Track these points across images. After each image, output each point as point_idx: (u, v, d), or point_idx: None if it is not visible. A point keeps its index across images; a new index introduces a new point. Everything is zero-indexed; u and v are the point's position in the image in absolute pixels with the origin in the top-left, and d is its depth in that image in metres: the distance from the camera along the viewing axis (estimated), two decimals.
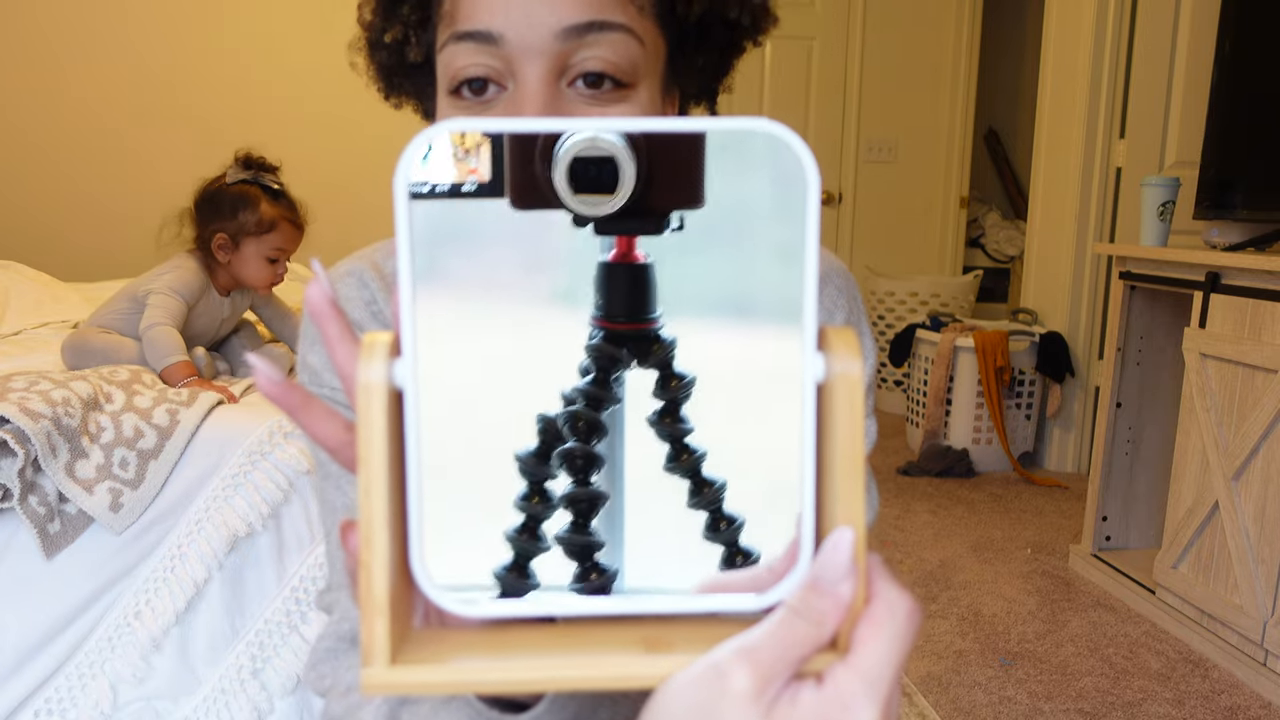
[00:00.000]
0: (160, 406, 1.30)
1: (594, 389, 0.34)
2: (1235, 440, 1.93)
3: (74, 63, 3.25)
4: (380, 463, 0.32)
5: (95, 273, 2.57)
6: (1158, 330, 2.38)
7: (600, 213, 0.32)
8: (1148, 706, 1.78)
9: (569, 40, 0.54)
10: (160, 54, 3.28)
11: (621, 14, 0.55)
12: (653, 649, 0.32)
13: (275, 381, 0.34)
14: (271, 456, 1.29)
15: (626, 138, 0.32)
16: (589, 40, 0.54)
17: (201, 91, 3.28)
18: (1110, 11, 3.08)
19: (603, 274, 0.33)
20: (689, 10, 0.60)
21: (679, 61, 0.63)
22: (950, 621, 2.12)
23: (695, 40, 0.63)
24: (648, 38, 0.57)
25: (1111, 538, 2.47)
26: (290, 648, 1.25)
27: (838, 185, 4.54)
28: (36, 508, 1.20)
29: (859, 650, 0.32)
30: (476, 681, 0.32)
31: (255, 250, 1.55)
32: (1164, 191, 2.28)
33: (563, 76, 0.55)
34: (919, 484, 3.20)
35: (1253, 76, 2.15)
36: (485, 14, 0.54)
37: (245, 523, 1.25)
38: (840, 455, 0.32)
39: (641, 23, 0.56)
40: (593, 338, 0.34)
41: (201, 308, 1.57)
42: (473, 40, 0.54)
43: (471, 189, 0.32)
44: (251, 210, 1.53)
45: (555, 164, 0.32)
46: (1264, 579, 1.86)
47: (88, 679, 1.24)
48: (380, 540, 0.32)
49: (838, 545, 0.32)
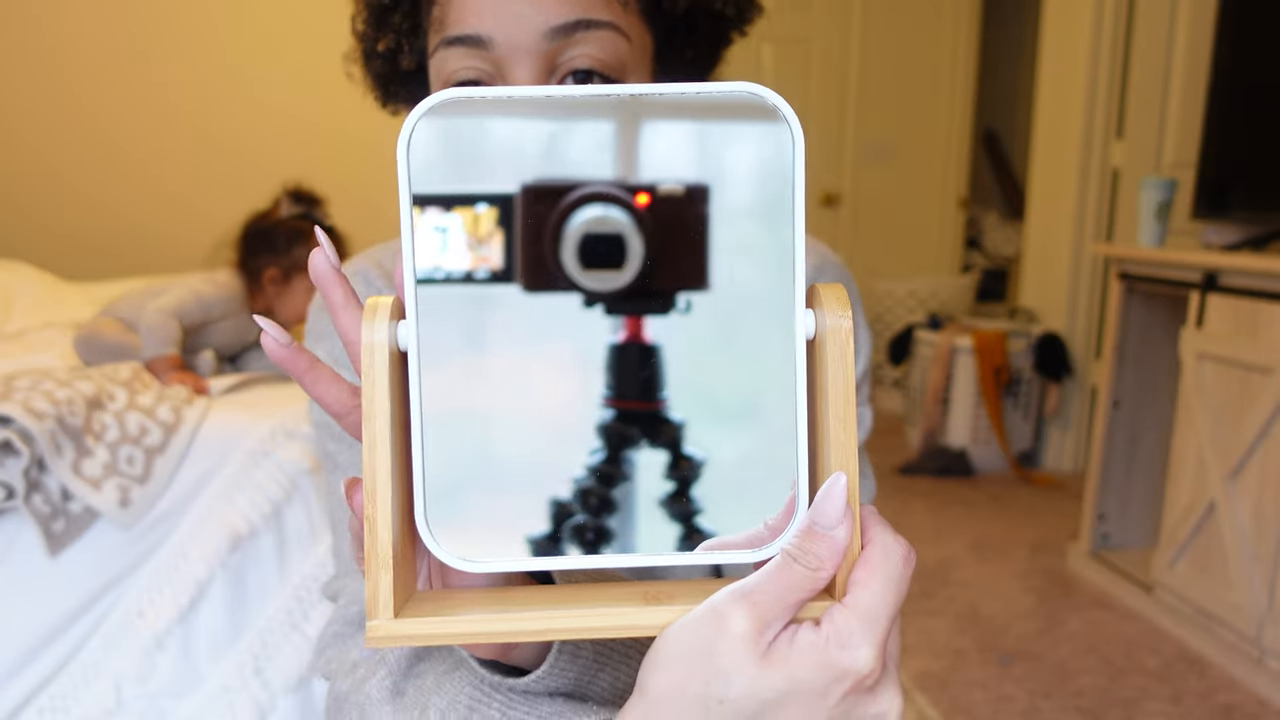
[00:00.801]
0: (164, 404, 1.31)
1: (605, 467, 0.35)
2: (1232, 439, 1.94)
3: (77, 63, 3.25)
4: (384, 420, 0.33)
5: (98, 272, 2.58)
6: (1155, 330, 2.39)
7: (610, 288, 0.34)
8: (1145, 704, 1.79)
9: (556, 40, 0.55)
10: (162, 54, 3.29)
11: (607, 12, 0.56)
12: (653, 602, 0.34)
13: (283, 344, 0.36)
14: (274, 456, 1.29)
15: (633, 216, 0.33)
16: (576, 39, 0.55)
17: (203, 91, 3.28)
18: (1108, 12, 3.09)
19: (613, 355, 0.34)
20: (675, 5, 0.60)
21: (667, 55, 0.64)
22: (948, 620, 2.13)
23: (683, 34, 0.63)
24: (634, 33, 0.58)
25: (1109, 537, 2.48)
26: (292, 646, 1.25)
27: (837, 186, 4.55)
28: (41, 506, 1.21)
29: (856, 591, 0.33)
30: (480, 632, 0.33)
31: (305, 286, 1.55)
32: (1161, 192, 2.29)
33: (552, 75, 0.56)
34: (917, 483, 3.21)
35: (1250, 77, 2.16)
36: (474, 18, 0.55)
37: (247, 522, 1.26)
38: (833, 405, 0.33)
39: (627, 19, 0.57)
40: (604, 418, 0.35)
41: (231, 326, 1.57)
42: (463, 44, 0.55)
43: (484, 276, 0.34)
44: (306, 248, 1.53)
45: (564, 241, 0.33)
46: (1260, 577, 1.87)
47: (91, 677, 1.25)
48: (384, 494, 0.33)
49: (831, 491, 0.33)
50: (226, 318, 1.55)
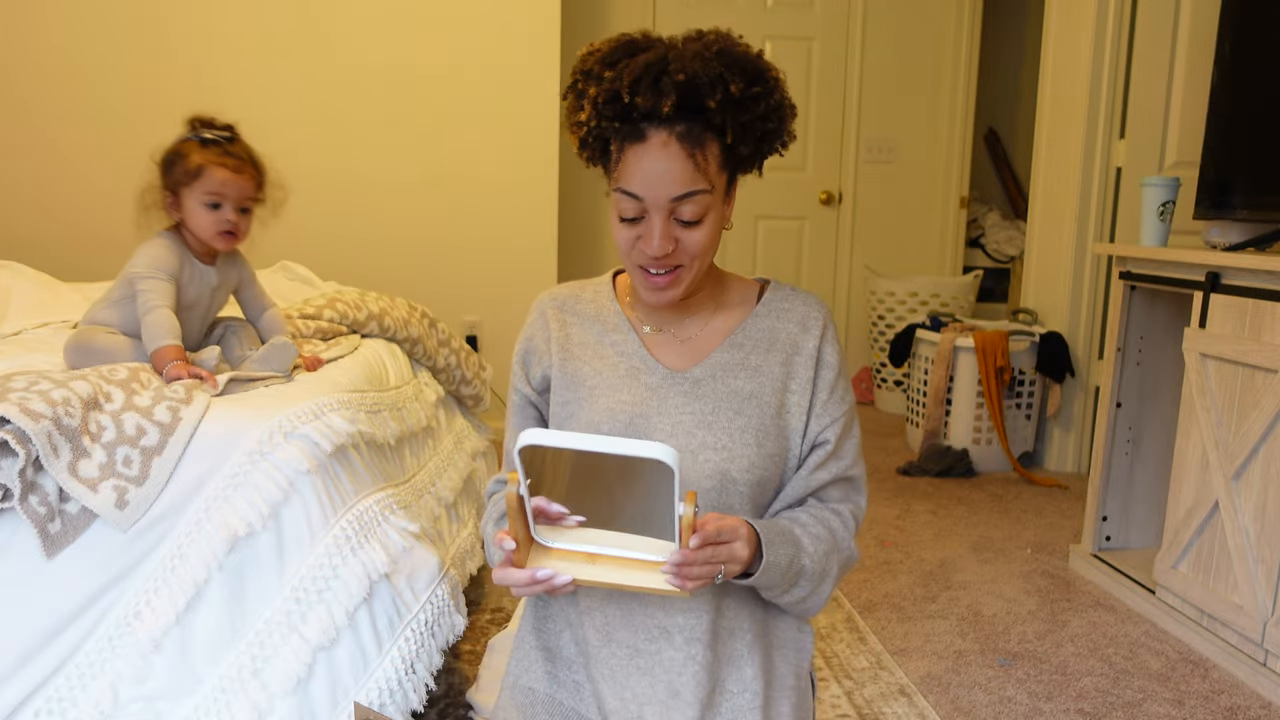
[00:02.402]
0: (161, 404, 1.30)
1: None
2: (1235, 440, 1.93)
3: (76, 62, 3.25)
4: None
5: (96, 273, 2.57)
6: (1158, 330, 2.38)
7: None
8: (1148, 706, 1.78)
9: (675, 201, 0.98)
10: (162, 53, 3.29)
11: (703, 183, 0.98)
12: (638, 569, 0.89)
13: None
14: (271, 456, 1.29)
15: None
16: (685, 200, 0.98)
17: (203, 91, 3.27)
18: (1110, 11, 3.08)
19: None
20: (741, 152, 1.02)
21: (739, 169, 1.06)
22: (950, 621, 2.13)
23: (749, 160, 1.05)
24: (716, 181, 1.00)
25: (1111, 538, 2.47)
26: (291, 648, 1.25)
27: (838, 185, 4.54)
28: (37, 507, 1.20)
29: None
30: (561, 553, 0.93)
31: (193, 201, 1.54)
32: (1164, 191, 2.28)
33: (671, 216, 0.98)
34: (919, 484, 3.21)
35: (1253, 76, 2.15)
36: (635, 182, 0.98)
37: (245, 522, 1.25)
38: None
39: (711, 177, 0.99)
40: None
41: (186, 277, 1.57)
42: (628, 195, 0.99)
43: None
44: (182, 161, 1.54)
45: None
46: (1264, 579, 1.86)
47: (88, 679, 1.24)
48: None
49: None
50: (180, 273, 1.55)
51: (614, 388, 1.07)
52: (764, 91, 0.99)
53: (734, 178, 1.05)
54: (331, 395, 1.45)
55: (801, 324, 1.10)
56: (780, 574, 0.98)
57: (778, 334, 1.09)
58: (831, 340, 1.11)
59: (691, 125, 0.96)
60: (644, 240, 0.99)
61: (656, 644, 1.01)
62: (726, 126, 0.97)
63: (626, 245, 1.01)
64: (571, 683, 1.08)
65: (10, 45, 3.21)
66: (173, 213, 1.57)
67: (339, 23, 3.35)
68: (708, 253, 1.03)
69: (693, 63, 0.95)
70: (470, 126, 3.49)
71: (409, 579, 1.36)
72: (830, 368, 1.09)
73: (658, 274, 1.01)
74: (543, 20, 3.47)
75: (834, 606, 2.17)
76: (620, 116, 0.97)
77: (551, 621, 1.11)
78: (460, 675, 1.76)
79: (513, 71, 3.48)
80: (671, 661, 1.00)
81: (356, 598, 1.27)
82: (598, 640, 1.04)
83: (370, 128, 3.40)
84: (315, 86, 3.37)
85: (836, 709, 1.72)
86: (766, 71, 1.00)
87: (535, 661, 1.10)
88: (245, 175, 1.56)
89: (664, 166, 0.96)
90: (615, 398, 1.06)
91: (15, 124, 3.24)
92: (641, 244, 0.99)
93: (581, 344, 1.11)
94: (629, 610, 1.03)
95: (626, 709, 1.01)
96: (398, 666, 1.30)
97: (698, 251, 1.00)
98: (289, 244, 2.85)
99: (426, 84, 3.43)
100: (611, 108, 0.96)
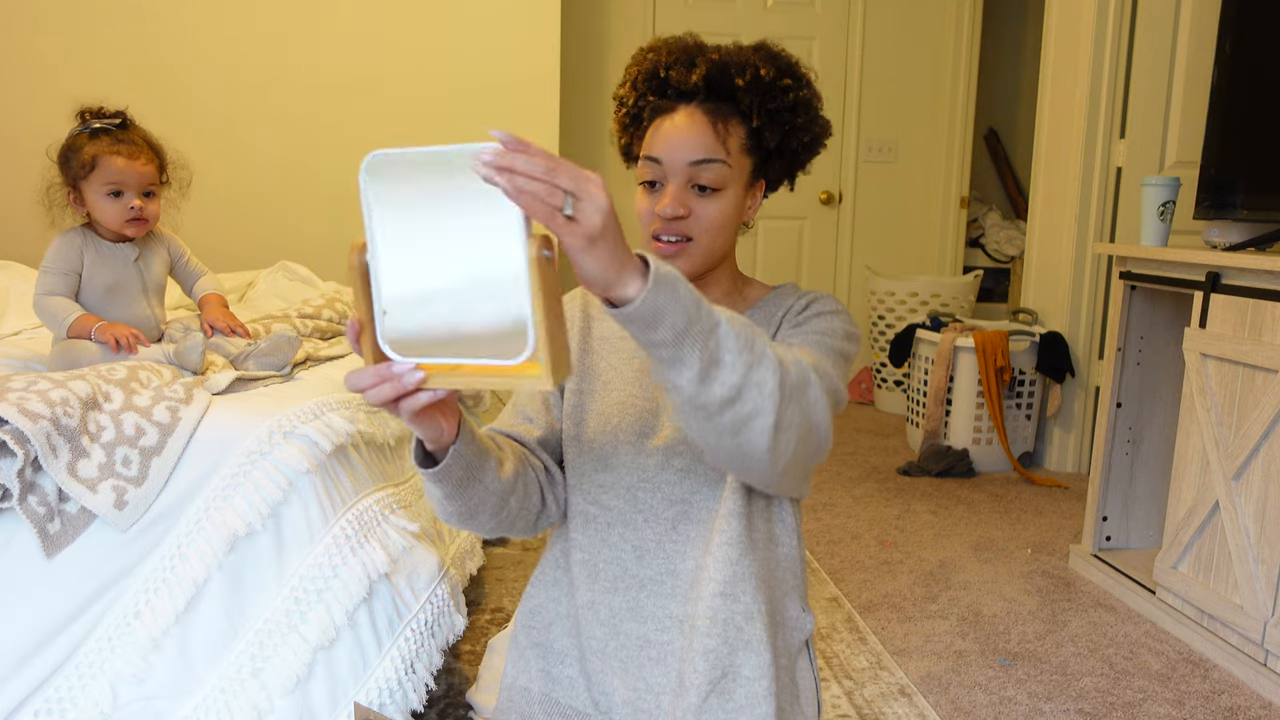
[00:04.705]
0: (160, 404, 1.30)
1: None
2: (1235, 440, 1.93)
3: (72, 62, 3.25)
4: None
5: None
6: (1158, 330, 2.38)
7: None
8: (1148, 707, 1.78)
9: (692, 167, 1.02)
10: (161, 52, 3.28)
11: (721, 152, 1.03)
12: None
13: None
14: (271, 456, 1.29)
15: None
16: (702, 167, 1.02)
17: (202, 91, 3.27)
18: (1110, 11, 3.08)
19: None
20: (768, 142, 1.06)
21: (766, 168, 1.09)
22: (950, 622, 2.12)
23: (776, 158, 1.09)
24: (736, 163, 1.04)
25: (1112, 538, 2.47)
26: (290, 647, 1.25)
27: (837, 185, 4.54)
28: (36, 507, 1.20)
29: None
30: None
31: (93, 193, 1.55)
32: (1164, 191, 2.28)
33: (689, 183, 1.03)
34: (919, 484, 3.20)
35: (1254, 75, 2.15)
36: (657, 148, 1.04)
37: (245, 522, 1.25)
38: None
39: (732, 155, 1.03)
40: None
41: (95, 260, 1.57)
42: (650, 160, 1.05)
43: None
44: (75, 155, 1.54)
45: None
46: (1264, 579, 1.86)
47: (87, 679, 1.24)
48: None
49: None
50: (82, 262, 1.55)
51: (627, 382, 1.09)
52: (794, 84, 1.05)
53: (759, 172, 1.08)
54: (331, 395, 1.45)
55: (796, 300, 1.11)
56: (682, 310, 0.74)
57: (774, 316, 1.10)
58: (820, 299, 1.08)
59: (720, 105, 1.03)
60: (658, 204, 1.03)
61: (668, 634, 1.02)
62: (753, 111, 1.03)
63: (645, 217, 1.05)
64: (566, 678, 1.08)
65: (10, 45, 3.21)
66: (78, 208, 1.56)
67: (339, 23, 3.35)
68: (718, 230, 1.04)
69: (729, 52, 1.05)
70: (471, 127, 3.49)
71: (409, 579, 1.36)
72: (808, 311, 1.07)
73: (667, 242, 1.03)
74: (543, 21, 3.48)
75: (834, 606, 2.17)
76: (655, 90, 1.06)
77: (538, 615, 1.12)
78: (460, 675, 1.76)
79: (513, 72, 3.48)
80: (685, 651, 1.00)
81: (356, 597, 1.27)
82: (604, 633, 1.04)
83: (371, 128, 3.40)
84: (315, 87, 3.37)
85: (836, 709, 1.72)
86: (799, 69, 1.07)
87: (529, 660, 1.10)
88: (141, 160, 1.55)
89: (686, 132, 1.02)
90: (627, 392, 1.09)
91: (14, 124, 3.24)
92: (655, 207, 1.03)
93: (601, 338, 1.14)
94: (635, 601, 1.03)
95: (642, 700, 1.01)
96: (397, 666, 1.30)
97: (708, 225, 1.03)
98: (289, 244, 2.85)
99: (427, 84, 3.43)
100: (648, 83, 1.06)
